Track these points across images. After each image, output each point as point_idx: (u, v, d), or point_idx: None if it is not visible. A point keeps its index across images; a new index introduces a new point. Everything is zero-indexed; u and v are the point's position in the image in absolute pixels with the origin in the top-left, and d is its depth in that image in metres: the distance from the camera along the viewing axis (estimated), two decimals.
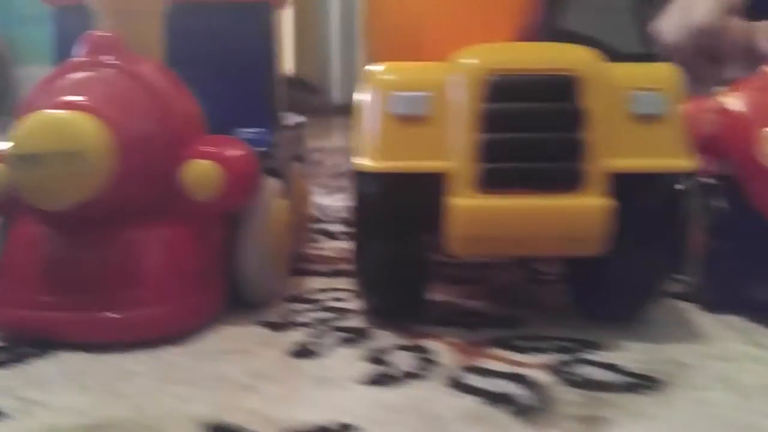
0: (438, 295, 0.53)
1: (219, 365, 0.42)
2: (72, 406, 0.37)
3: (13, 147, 0.42)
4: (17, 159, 0.42)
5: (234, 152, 0.48)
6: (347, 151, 0.50)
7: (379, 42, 0.55)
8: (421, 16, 0.53)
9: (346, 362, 0.42)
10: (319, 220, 0.82)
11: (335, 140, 1.80)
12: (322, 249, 0.70)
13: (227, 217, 0.50)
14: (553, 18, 0.46)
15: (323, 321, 0.49)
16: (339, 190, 1.03)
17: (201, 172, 0.47)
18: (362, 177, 0.45)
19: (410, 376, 0.40)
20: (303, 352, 0.44)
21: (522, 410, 0.36)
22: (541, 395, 0.38)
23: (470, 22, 0.51)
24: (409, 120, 0.43)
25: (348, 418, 0.36)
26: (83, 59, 0.47)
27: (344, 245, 0.72)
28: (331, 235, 0.76)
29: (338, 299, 0.54)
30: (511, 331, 0.47)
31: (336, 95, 2.79)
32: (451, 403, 0.37)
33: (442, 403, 0.37)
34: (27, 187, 0.43)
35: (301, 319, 0.50)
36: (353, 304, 0.53)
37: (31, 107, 0.45)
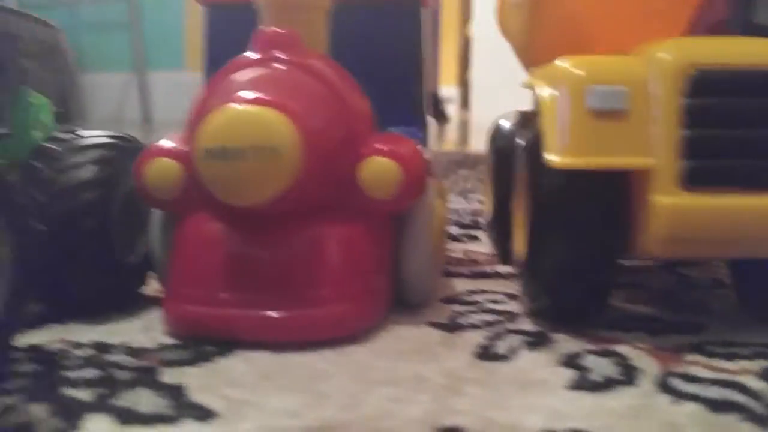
0: None
1: (412, 366, 0.41)
2: (282, 407, 0.36)
3: (205, 141, 0.42)
4: (208, 153, 0.42)
5: (409, 150, 0.47)
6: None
7: (541, 38, 0.54)
8: (590, 10, 0.51)
9: (540, 366, 0.41)
10: None
11: None
12: (450, 251, 0.69)
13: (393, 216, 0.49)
14: (744, 12, 0.44)
15: (493, 323, 0.48)
16: None
17: (380, 169, 0.46)
18: (552, 173, 0.44)
19: (616, 381, 0.39)
20: (489, 354, 0.43)
21: (755, 418, 0.35)
22: (765, 402, 0.36)
23: (644, 15, 0.49)
24: (605, 115, 0.42)
25: (577, 424, 0.34)
26: (260, 55, 0.47)
27: (469, 247, 0.71)
28: (454, 238, 0.75)
29: (494, 301, 0.53)
30: (698, 336, 0.45)
31: None
32: (676, 410, 0.36)
33: (666, 410, 0.36)
34: (219, 183, 0.42)
35: (469, 321, 0.48)
36: (513, 306, 0.52)
37: (213, 103, 0.44)
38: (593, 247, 0.44)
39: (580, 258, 0.44)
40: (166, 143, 0.48)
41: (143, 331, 0.47)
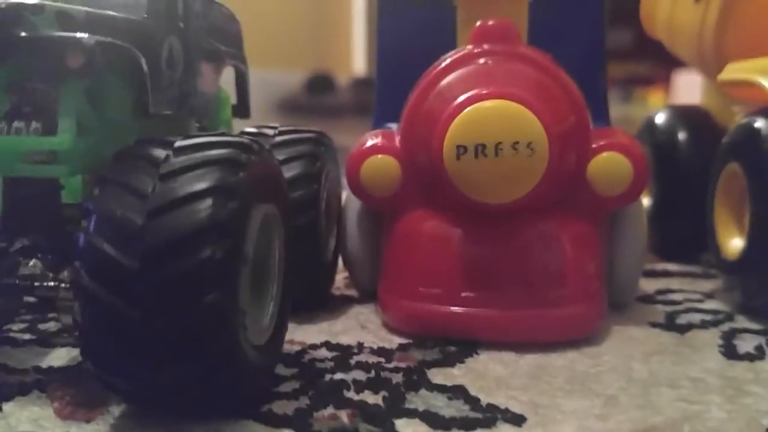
0: None
1: (671, 367, 0.40)
2: (582, 410, 0.35)
3: (458, 139, 0.41)
4: (462, 151, 0.41)
5: (634, 144, 0.46)
6: None
7: (737, 33, 0.53)
8: None
9: None
10: None
11: None
12: None
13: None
14: None
15: (715, 323, 0.47)
16: None
17: (612, 165, 0.45)
18: None
19: None
20: (738, 354, 0.42)
21: None
22: None
23: None
24: None
25: None
26: (482, 48, 0.45)
27: None
28: None
29: (694, 300, 0.53)
30: None
31: None
32: None
33: None
34: (473, 180, 0.41)
35: (688, 321, 0.48)
36: (717, 304, 0.52)
37: (445, 99, 0.43)
38: None
39: None
40: (377, 140, 0.47)
41: (364, 329, 0.46)
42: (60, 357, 0.41)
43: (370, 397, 0.36)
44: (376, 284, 0.48)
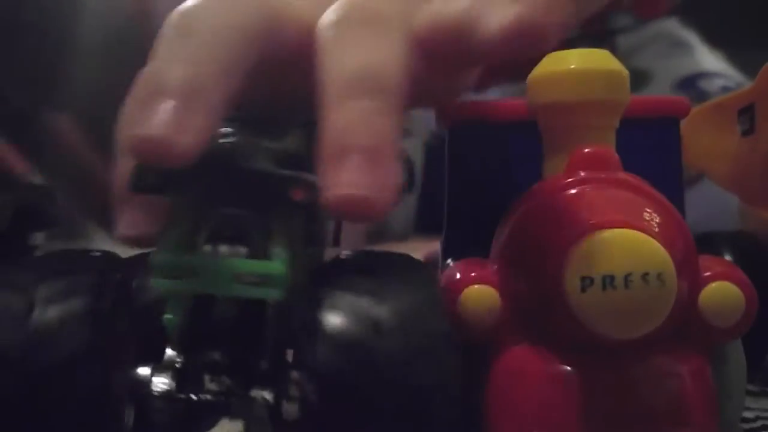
0: None
1: None
2: None
3: (583, 270, 0.39)
4: (587, 283, 0.39)
5: (742, 273, 0.45)
6: None
7: None
8: None
9: None
10: None
11: None
12: None
13: None
14: None
15: None
16: None
17: (725, 295, 0.43)
18: None
19: None
20: None
21: None
22: None
23: None
24: None
25: None
26: (583, 175, 0.44)
27: None
28: None
29: (763, 417, 0.52)
30: None
31: None
32: None
33: None
34: (599, 313, 0.39)
35: None
36: None
37: (552, 229, 0.42)
38: None
39: None
40: (471, 270, 0.45)
41: None
42: None
43: None
44: None
